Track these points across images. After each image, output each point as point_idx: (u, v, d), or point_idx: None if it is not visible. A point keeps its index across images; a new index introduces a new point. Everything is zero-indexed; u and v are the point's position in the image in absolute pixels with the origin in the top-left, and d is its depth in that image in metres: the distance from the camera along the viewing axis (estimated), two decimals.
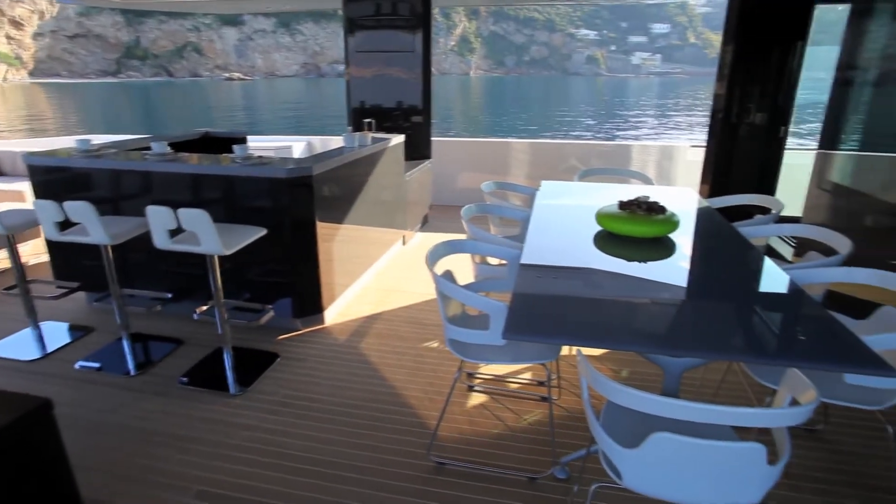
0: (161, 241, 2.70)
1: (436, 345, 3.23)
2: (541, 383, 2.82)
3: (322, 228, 3.29)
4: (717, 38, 4.89)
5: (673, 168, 6.22)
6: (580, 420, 2.53)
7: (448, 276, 2.34)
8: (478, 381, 2.87)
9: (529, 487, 2.14)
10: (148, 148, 3.66)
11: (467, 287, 2.52)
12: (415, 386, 2.81)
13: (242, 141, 4.80)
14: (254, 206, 3.17)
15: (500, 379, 2.88)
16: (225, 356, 2.98)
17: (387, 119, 5.54)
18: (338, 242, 3.53)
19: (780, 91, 4.43)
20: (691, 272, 2.22)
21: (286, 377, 2.88)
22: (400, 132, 4.95)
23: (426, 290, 3.96)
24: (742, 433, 1.87)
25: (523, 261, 2.21)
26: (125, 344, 3.20)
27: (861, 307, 2.18)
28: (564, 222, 2.89)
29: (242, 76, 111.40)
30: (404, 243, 5.03)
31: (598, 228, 2.63)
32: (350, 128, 5.46)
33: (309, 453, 2.32)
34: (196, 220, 2.57)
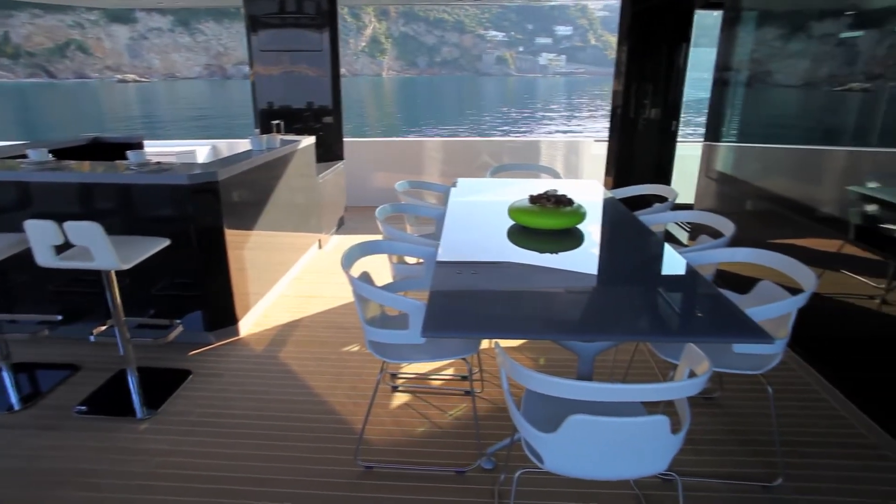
0: (44, 258, 2.45)
1: (358, 348, 3.19)
2: (463, 378, 2.86)
3: (232, 236, 3.14)
4: (615, 40, 5.23)
5: (579, 162, 6.54)
6: (504, 410, 2.59)
7: (365, 277, 2.31)
8: (401, 381, 2.86)
9: (458, 481, 2.16)
10: (24, 156, 3.31)
11: (385, 287, 2.51)
12: (338, 391, 2.76)
13: (138, 146, 4.47)
14: (155, 215, 2.96)
15: (423, 377, 2.90)
16: (129, 378, 2.76)
17: (296, 120, 5.39)
18: (250, 250, 3.39)
19: (670, 88, 4.80)
20: (599, 260, 2.34)
21: (201, 394, 2.72)
22: (310, 133, 4.83)
23: (345, 294, 3.90)
24: (650, 407, 2.00)
25: (439, 258, 2.24)
26: (5, 375, 2.87)
27: (744, 283, 2.40)
28: (478, 218, 2.95)
29: (138, 78, 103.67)
30: (320, 247, 4.92)
31: (511, 223, 2.71)
32: (257, 130, 5.24)
33: (231, 472, 2.20)
34: (87, 233, 2.36)
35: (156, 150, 5.29)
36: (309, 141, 4.50)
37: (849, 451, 2.33)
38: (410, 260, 2.93)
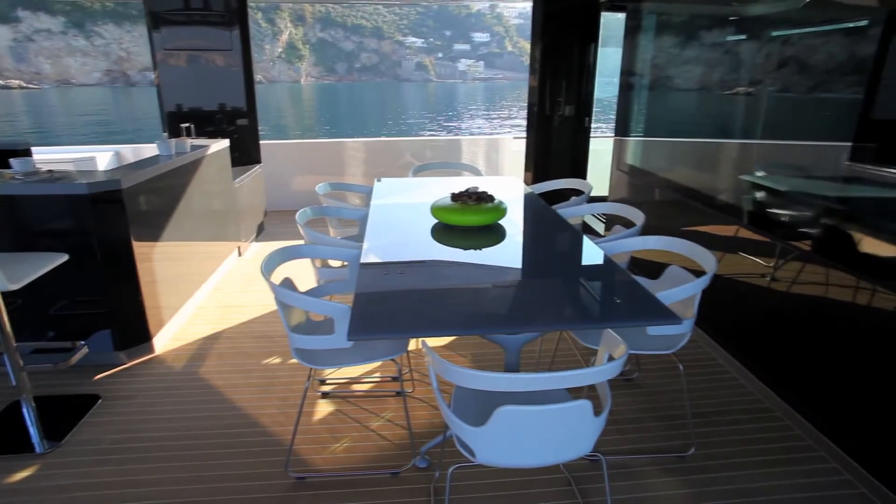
0: None
1: (285, 357, 3.08)
2: (394, 379, 2.84)
3: (141, 248, 2.94)
4: (529, 46, 5.43)
5: (500, 159, 6.70)
6: (436, 408, 2.60)
7: (287, 283, 2.25)
8: (331, 387, 2.80)
9: (393, 483, 2.14)
10: None
11: (309, 293, 2.45)
12: (267, 403, 2.65)
13: (25, 153, 4.07)
14: (49, 229, 2.72)
15: (353, 381, 2.85)
16: (24, 410, 2.51)
17: (209, 123, 5.14)
18: (162, 261, 3.19)
19: (582, 86, 5.04)
20: (521, 254, 2.41)
21: (112, 420, 2.52)
22: (224, 136, 4.63)
23: (269, 302, 3.76)
24: (575, 392, 2.09)
25: (363, 260, 2.21)
26: None
27: (655, 268, 2.56)
28: (402, 218, 2.95)
29: (25, 84, 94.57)
30: (240, 254, 4.71)
31: (435, 221, 2.73)
32: (166, 134, 4.95)
33: (153, 499, 2.05)
34: None
35: (47, 157, 4.85)
36: (222, 144, 4.31)
37: (749, 417, 2.54)
38: (334, 263, 2.88)
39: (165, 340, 3.23)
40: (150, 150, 3.60)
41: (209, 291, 3.96)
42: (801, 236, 2.65)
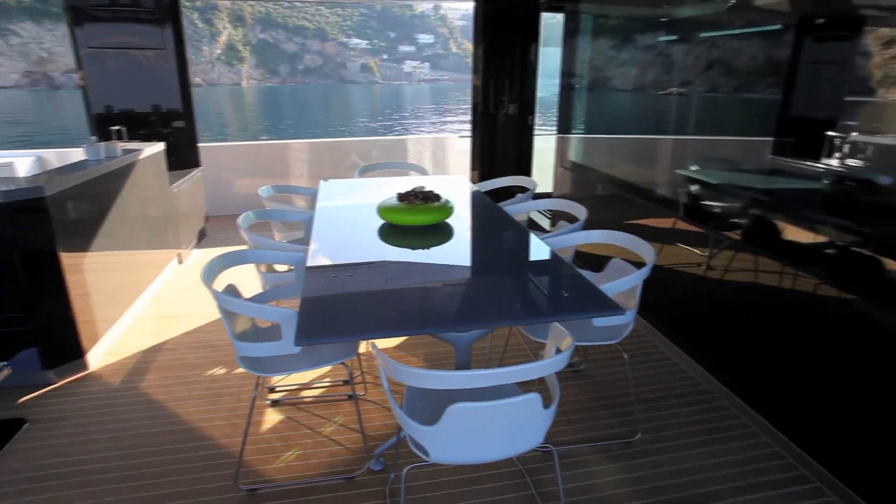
0: None
1: (232, 366, 2.98)
2: (345, 382, 2.81)
3: (70, 259, 2.77)
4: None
5: (446, 158, 6.72)
6: (389, 409, 2.59)
7: (231, 290, 2.18)
8: (280, 394, 2.73)
9: (348, 487, 2.11)
10: None
11: (254, 298, 2.39)
12: (214, 415, 2.55)
13: None
14: None
15: (304, 387, 2.79)
16: None
17: (141, 125, 4.89)
18: (95, 272, 3.01)
19: (525, 85, 5.14)
20: (469, 252, 2.43)
21: (41, 445, 2.36)
22: (159, 139, 4.42)
23: (214, 310, 3.62)
24: (525, 386, 2.12)
25: (310, 263, 2.17)
26: None
27: (599, 261, 2.65)
28: (348, 219, 2.92)
29: None
30: (181, 262, 4.52)
31: (382, 221, 2.71)
32: (94, 137, 4.68)
33: None
34: None
35: None
36: (157, 148, 4.12)
37: (690, 400, 2.67)
38: (280, 268, 2.81)
39: (101, 356, 3.06)
40: (77, 154, 3.39)
41: (148, 302, 3.78)
42: (732, 226, 2.80)
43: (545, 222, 5.02)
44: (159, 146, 4.18)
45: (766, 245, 2.53)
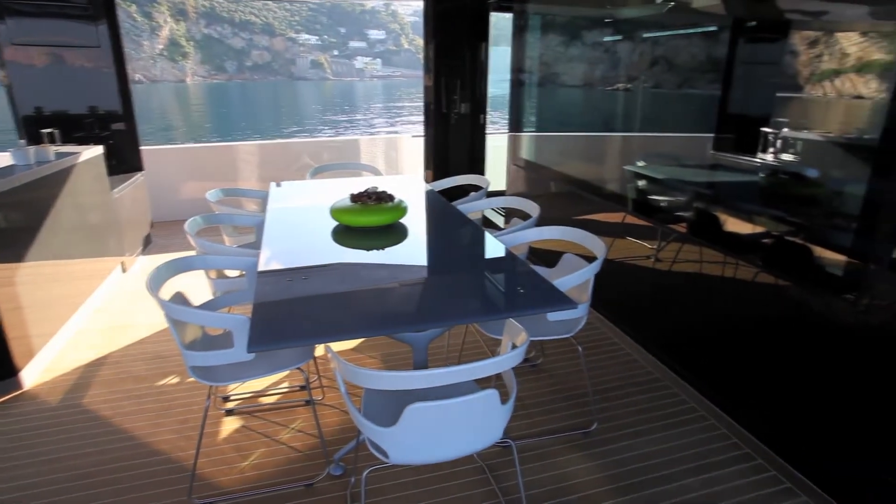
0: None
1: (184, 376, 2.88)
2: (302, 388, 2.76)
3: None
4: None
5: (399, 158, 6.69)
6: (347, 413, 2.56)
7: (179, 298, 2.10)
8: (234, 403, 2.65)
9: (308, 494, 2.08)
10: None
11: (204, 306, 2.31)
12: (164, 429, 2.46)
13: None
14: None
15: (259, 394, 2.72)
16: None
17: (76, 128, 4.64)
18: (27, 284, 2.84)
19: (476, 84, 5.17)
20: (424, 251, 2.43)
21: None
22: (97, 142, 4.20)
23: (162, 319, 3.49)
24: (483, 383, 2.15)
25: (262, 268, 2.12)
26: None
27: (552, 257, 2.70)
28: (301, 222, 2.86)
29: None
30: (124, 270, 4.32)
31: (335, 223, 2.67)
32: (23, 141, 4.40)
33: None
34: None
35: None
36: (95, 151, 3.92)
37: (643, 389, 2.76)
38: (231, 273, 2.73)
39: (37, 373, 2.89)
40: (2, 159, 3.18)
41: (90, 313, 3.59)
42: (678, 220, 2.91)
43: (500, 220, 5.08)
44: (97, 150, 3.97)
45: (710, 236, 2.65)
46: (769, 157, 2.56)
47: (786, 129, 2.51)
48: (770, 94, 2.63)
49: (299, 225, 2.80)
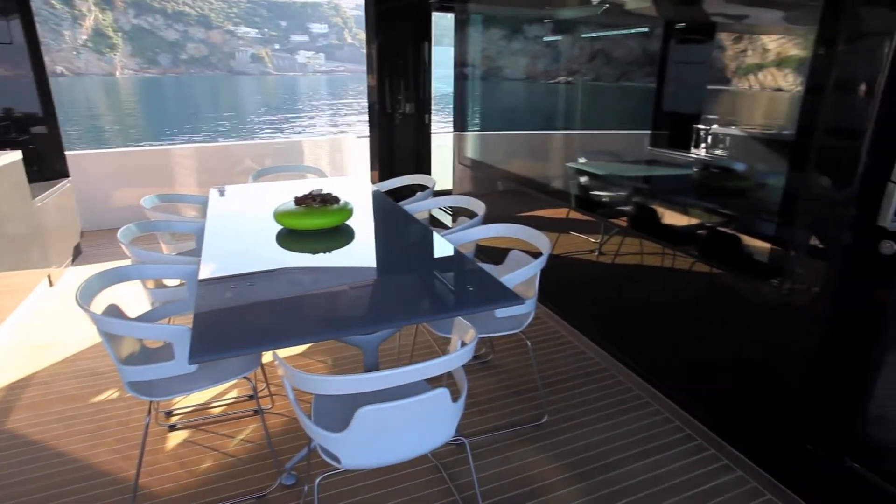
0: None
1: (120, 392, 2.74)
2: (250, 397, 2.68)
3: None
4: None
5: (344, 159, 6.59)
6: (298, 421, 2.51)
7: (113, 311, 1.99)
8: (178, 417, 2.55)
9: None
10: None
11: (142, 317, 2.21)
12: (100, 450, 2.33)
13: None
14: None
15: (205, 406, 2.63)
16: None
17: None
18: None
19: (420, 84, 5.16)
20: (371, 253, 2.41)
21: None
22: (14, 147, 3.92)
23: (95, 334, 3.30)
24: (435, 382, 2.15)
25: (203, 275, 2.04)
26: None
27: (499, 254, 2.74)
28: (244, 226, 2.77)
29: None
30: (51, 284, 4.06)
31: (279, 227, 2.61)
32: None
33: None
34: None
35: None
36: (12, 157, 3.65)
37: (590, 379, 2.85)
38: (170, 282, 2.61)
39: None
40: None
41: (12, 331, 3.35)
42: (619, 214, 3.01)
43: (447, 219, 5.10)
44: (14, 155, 3.70)
45: (649, 229, 2.76)
46: (702, 153, 2.69)
47: (715, 126, 2.64)
48: (701, 90, 2.76)
49: (242, 230, 2.71)
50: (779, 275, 2.04)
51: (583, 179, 3.37)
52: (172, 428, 2.47)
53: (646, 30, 2.92)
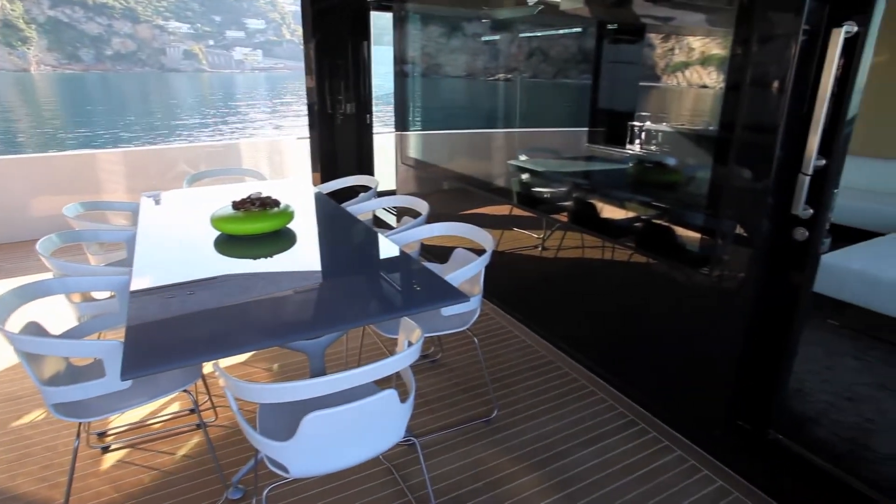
0: None
1: (45, 415, 2.56)
2: (191, 411, 2.58)
3: None
4: None
5: (284, 161, 6.42)
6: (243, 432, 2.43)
7: (33, 328, 1.86)
8: (113, 437, 2.42)
9: None
10: None
11: (68, 334, 2.08)
12: (22, 480, 2.17)
13: None
14: None
15: (142, 424, 2.50)
16: None
17: None
18: None
19: (360, 83, 5.10)
20: (314, 256, 2.36)
21: None
22: None
23: (11, 355, 3.07)
24: (384, 384, 2.14)
25: (135, 286, 1.94)
26: None
27: (444, 253, 2.75)
28: (179, 233, 2.66)
29: None
30: None
31: (217, 233, 2.52)
32: None
33: None
34: None
35: None
36: None
37: (537, 371, 2.91)
38: (100, 295, 2.47)
39: None
40: None
41: None
42: (559, 209, 3.09)
43: (391, 219, 5.08)
44: None
45: (589, 224, 2.84)
46: (636, 149, 2.80)
47: (648, 123, 2.75)
48: (634, 88, 2.87)
49: (177, 237, 2.60)
50: (708, 263, 2.15)
51: (524, 176, 3.44)
52: (106, 449, 2.34)
53: (579, 30, 3.01)
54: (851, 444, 2.28)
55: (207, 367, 2.65)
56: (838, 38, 1.67)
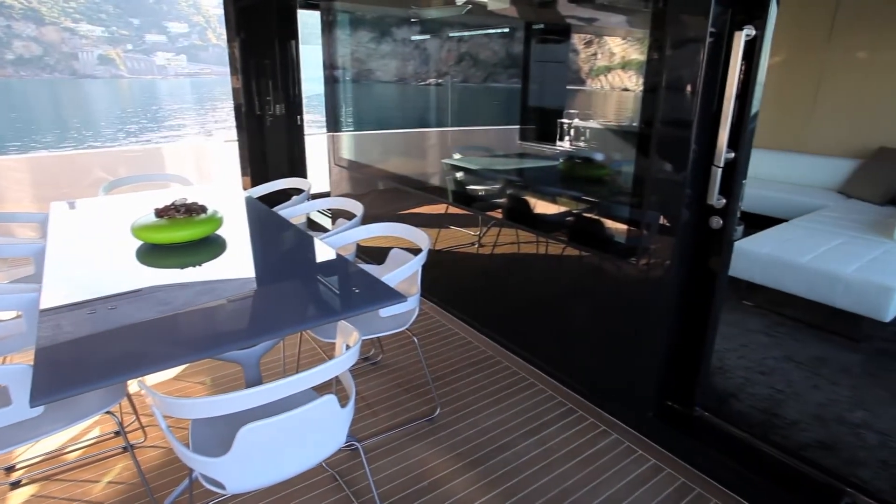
0: None
1: None
2: (116, 433, 2.42)
3: None
4: None
5: (211, 165, 6.16)
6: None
7: None
8: (22, 470, 2.22)
9: None
10: None
11: None
12: None
13: None
14: None
15: (59, 453, 2.32)
16: None
17: None
18: None
19: (289, 84, 4.97)
20: (245, 263, 2.28)
21: None
22: None
23: None
24: (324, 389, 2.09)
25: (46, 304, 1.80)
26: None
27: (380, 253, 2.73)
28: (95, 245, 2.49)
29: None
30: None
31: (139, 243, 2.38)
32: None
33: None
34: None
35: None
36: None
37: (478, 367, 2.95)
38: (4, 315, 2.27)
39: None
40: None
41: None
42: (494, 206, 3.14)
43: (326, 222, 4.98)
44: None
45: (523, 219, 2.91)
46: (566, 145, 2.89)
47: (577, 120, 2.85)
48: (562, 87, 2.96)
49: (94, 249, 2.43)
50: (635, 253, 2.25)
51: (458, 175, 3.47)
52: (15, 485, 2.14)
53: (507, 30, 3.08)
54: (765, 414, 2.46)
55: (133, 385, 2.50)
56: (740, 40, 1.80)
